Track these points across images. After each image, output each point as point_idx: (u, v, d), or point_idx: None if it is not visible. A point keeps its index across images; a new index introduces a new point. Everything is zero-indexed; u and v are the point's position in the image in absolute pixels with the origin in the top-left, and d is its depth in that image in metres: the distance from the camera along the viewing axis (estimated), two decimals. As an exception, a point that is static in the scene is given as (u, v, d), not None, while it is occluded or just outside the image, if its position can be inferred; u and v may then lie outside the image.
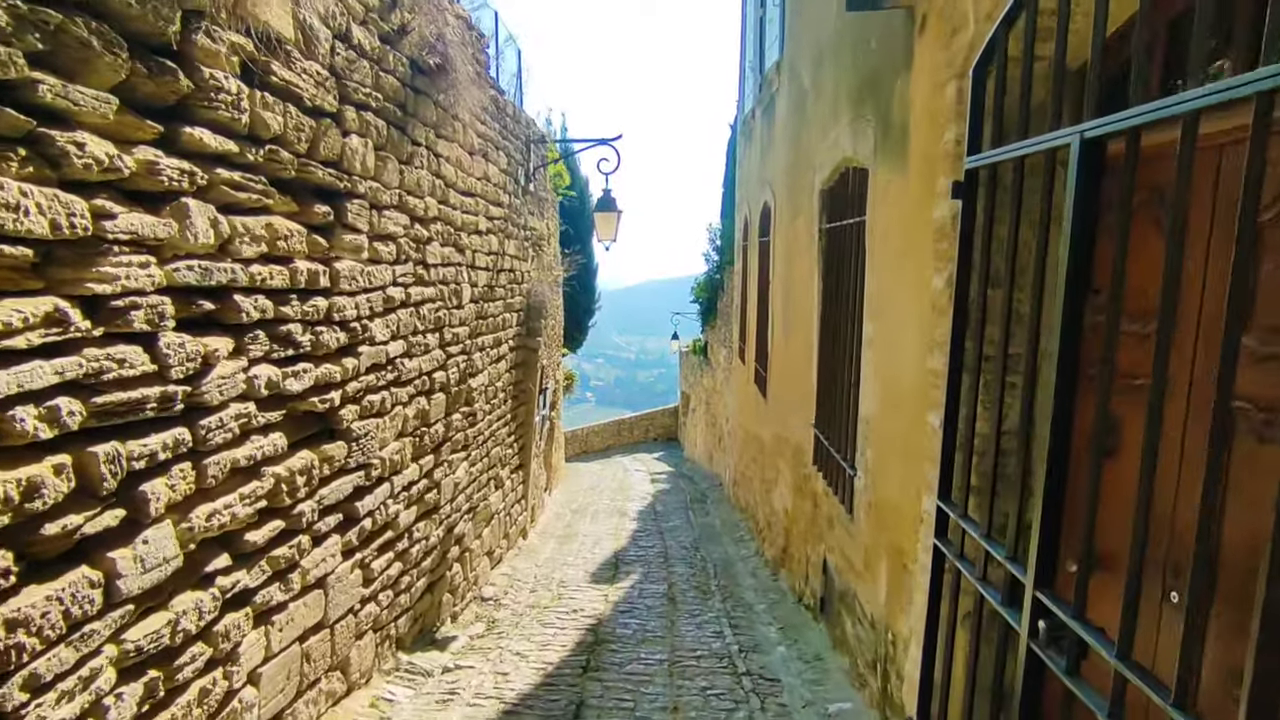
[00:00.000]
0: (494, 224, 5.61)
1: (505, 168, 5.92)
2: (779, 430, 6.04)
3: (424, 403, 4.09)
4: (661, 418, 23.56)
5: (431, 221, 4.18)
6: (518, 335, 6.53)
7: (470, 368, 5.01)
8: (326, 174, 2.89)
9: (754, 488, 7.80)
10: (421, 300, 4.03)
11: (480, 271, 5.24)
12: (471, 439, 5.11)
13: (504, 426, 6.13)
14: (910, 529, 2.60)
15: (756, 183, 7.69)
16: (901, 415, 2.69)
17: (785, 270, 5.71)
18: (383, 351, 3.48)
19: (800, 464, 5.05)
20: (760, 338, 7.22)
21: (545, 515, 8.78)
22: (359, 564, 3.30)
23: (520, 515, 6.90)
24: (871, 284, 3.10)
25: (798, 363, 5.18)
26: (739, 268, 9.77)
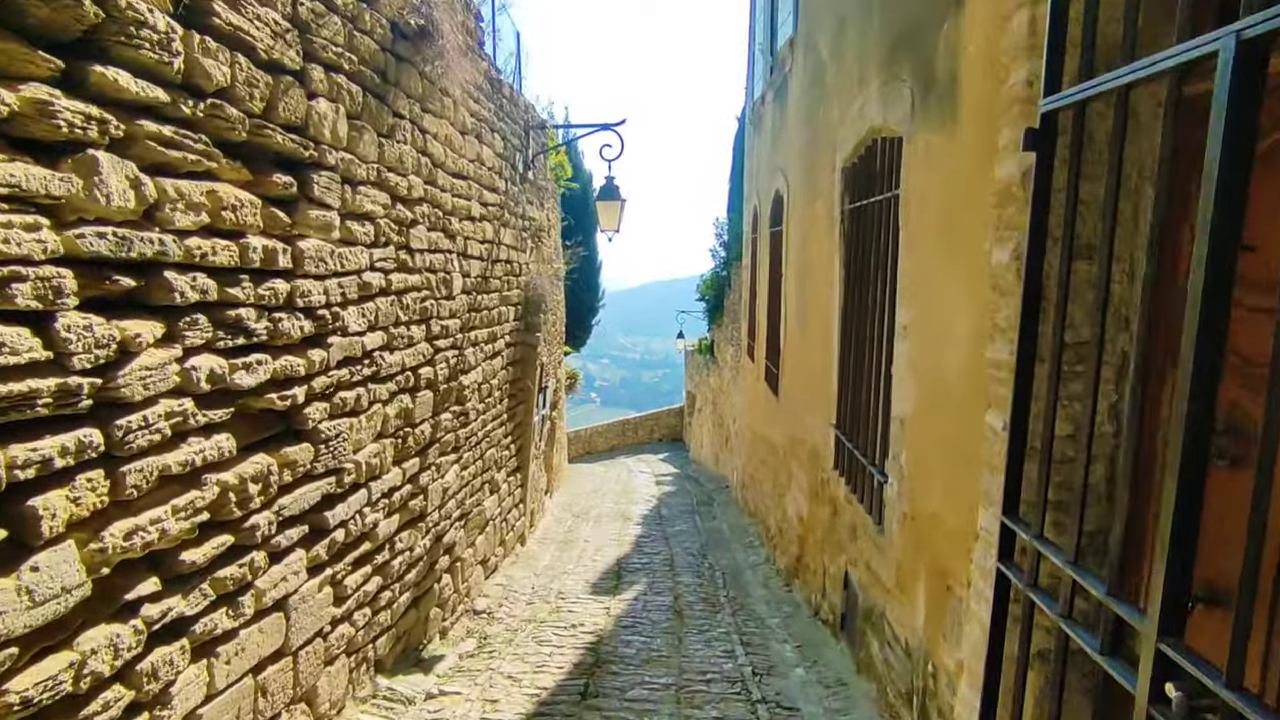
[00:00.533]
0: (488, 211, 5.26)
1: (501, 152, 5.57)
2: (793, 431, 5.67)
3: (408, 401, 3.74)
4: (666, 418, 23.22)
5: (416, 203, 3.83)
6: (515, 330, 6.17)
7: (461, 364, 4.66)
8: (288, 140, 2.54)
9: (764, 491, 7.43)
10: (405, 288, 3.67)
11: (473, 261, 4.88)
12: (463, 440, 4.76)
13: (500, 427, 5.78)
14: (958, 547, 2.23)
15: (767, 171, 7.33)
16: (947, 415, 2.33)
17: (800, 259, 5.34)
18: (358, 343, 3.12)
19: (817, 468, 4.69)
20: (772, 333, 6.85)
21: (545, 519, 8.43)
22: (329, 581, 2.94)
23: (518, 520, 6.55)
24: (907, 265, 2.74)
25: (815, 358, 4.81)
26: (748, 262, 9.41)
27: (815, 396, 4.73)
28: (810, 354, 4.95)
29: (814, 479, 4.78)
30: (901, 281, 2.82)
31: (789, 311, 5.88)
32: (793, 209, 5.74)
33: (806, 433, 5.08)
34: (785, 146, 6.15)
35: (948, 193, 2.31)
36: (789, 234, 5.90)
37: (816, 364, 4.71)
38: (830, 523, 4.33)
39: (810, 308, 4.95)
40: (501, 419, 5.81)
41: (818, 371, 4.66)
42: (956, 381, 2.23)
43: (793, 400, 5.67)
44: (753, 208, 8.72)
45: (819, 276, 4.62)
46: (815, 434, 4.74)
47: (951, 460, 2.29)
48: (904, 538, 2.77)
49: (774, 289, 6.71)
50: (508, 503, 6.13)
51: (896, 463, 2.83)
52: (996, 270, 1.89)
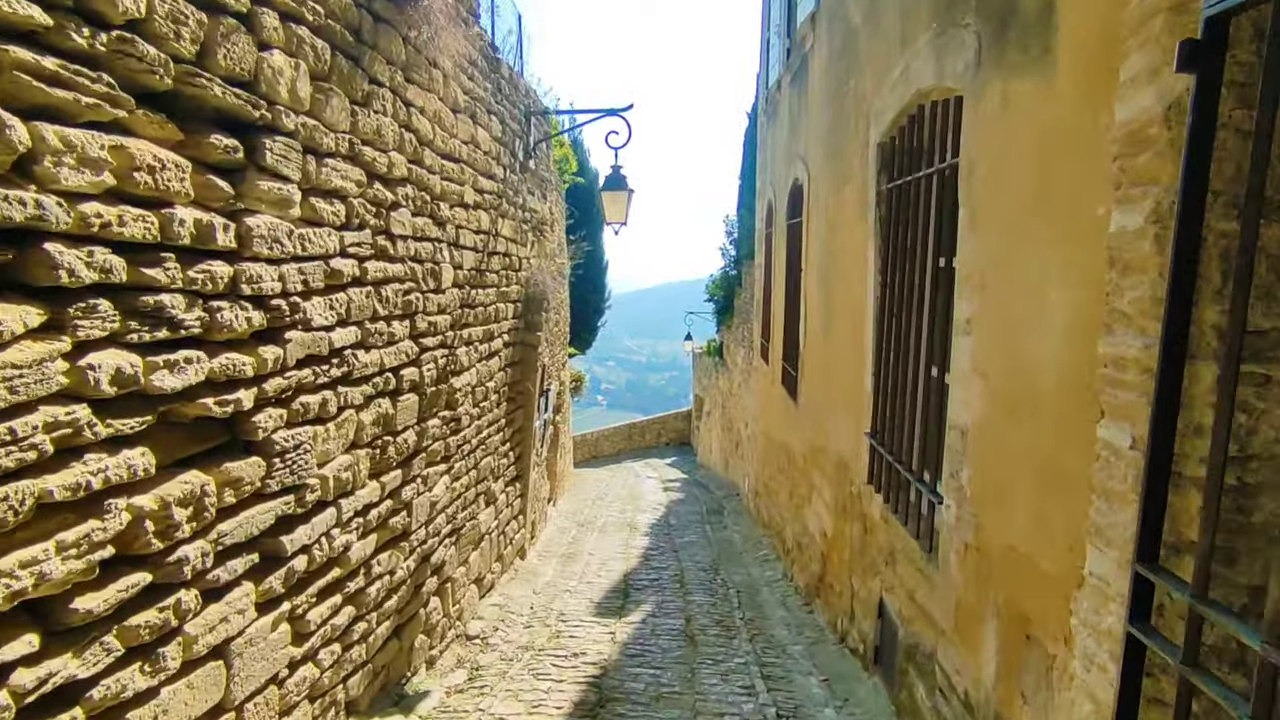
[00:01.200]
0: (484, 199, 4.84)
1: (499, 136, 5.15)
2: (814, 439, 5.23)
3: (387, 406, 3.31)
4: (674, 422, 22.82)
5: (399, 183, 3.41)
6: (514, 329, 5.75)
7: (453, 364, 4.24)
8: (231, 96, 2.12)
9: (779, 501, 6.98)
10: (384, 279, 3.25)
11: (466, 252, 4.46)
12: (454, 448, 4.33)
13: (497, 433, 5.35)
14: (1050, 593, 1.79)
15: (784, 161, 6.89)
16: (1033, 425, 1.88)
17: (823, 252, 4.90)
18: (324, 340, 2.70)
19: (845, 480, 4.24)
20: (789, 333, 6.40)
21: (548, 530, 8.00)
22: (286, 617, 2.52)
23: (517, 533, 6.12)
24: (970, 247, 2.29)
25: (842, 359, 4.36)
26: (761, 260, 8.97)
27: (843, 401, 4.29)
28: (836, 355, 4.51)
29: (841, 492, 4.34)
30: (962, 267, 2.37)
31: (809, 309, 5.44)
32: (814, 198, 5.30)
33: (831, 441, 4.64)
34: (805, 132, 5.71)
35: (1037, 151, 1.87)
36: (809, 225, 5.46)
37: (844, 366, 4.27)
38: (861, 542, 3.88)
39: (836, 304, 4.51)
40: (499, 424, 5.39)
41: (846, 374, 4.22)
42: (1048, 384, 1.79)
43: (814, 405, 5.22)
44: (767, 202, 8.29)
45: (847, 269, 4.18)
46: (843, 443, 4.29)
47: (1040, 483, 1.84)
48: (965, 571, 2.32)
49: (792, 285, 6.27)
50: (506, 515, 5.70)
51: (955, 481, 2.38)
52: (1119, 240, 1.45)
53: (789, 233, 6.45)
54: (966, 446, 2.30)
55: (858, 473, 3.89)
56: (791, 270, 6.30)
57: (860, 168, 3.81)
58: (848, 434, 4.15)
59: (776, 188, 7.41)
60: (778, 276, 7.18)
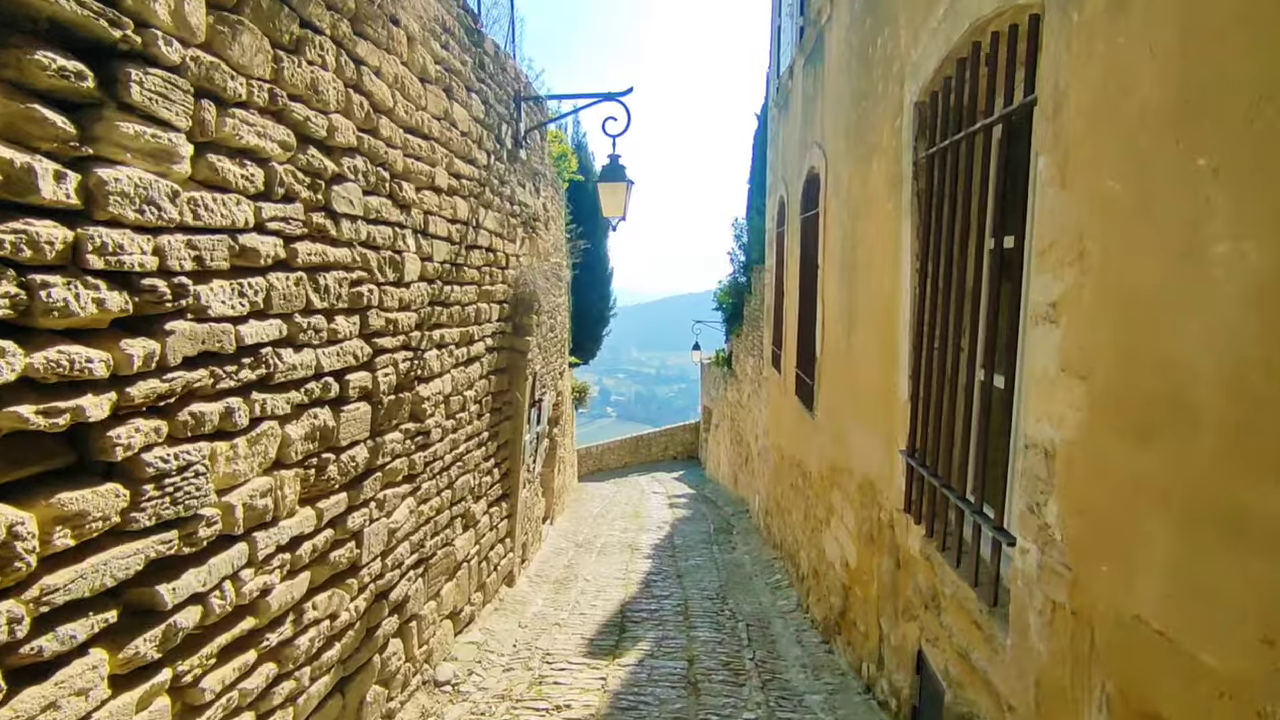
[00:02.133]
0: (462, 185, 4.31)
1: (481, 118, 4.63)
2: (833, 455, 4.64)
3: (327, 417, 2.76)
4: (682, 434, 22.25)
5: (345, 153, 2.88)
6: (500, 333, 5.20)
7: (419, 369, 3.69)
8: (73, 5, 1.59)
9: (792, 522, 6.38)
10: (322, 264, 2.71)
11: (438, 242, 3.92)
12: (421, 466, 3.77)
13: (478, 448, 4.79)
14: (1221, 701, 1.20)
15: (797, 151, 6.34)
16: (1180, 445, 1.30)
17: (844, 243, 4.34)
18: (228, 333, 2.16)
19: (872, 504, 3.65)
20: (804, 338, 5.83)
21: (542, 551, 7.42)
22: (165, 689, 1.95)
23: (503, 558, 5.54)
24: (1059, 205, 1.72)
25: (868, 365, 3.79)
26: (772, 263, 8.41)
27: (869, 413, 3.70)
28: (861, 360, 3.93)
29: (868, 518, 3.75)
30: (1042, 237, 1.80)
31: (828, 310, 4.86)
32: (832, 184, 4.74)
33: (855, 459, 4.05)
34: (821, 114, 5.17)
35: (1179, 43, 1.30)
36: (827, 216, 4.90)
37: (871, 372, 3.69)
38: (893, 579, 3.29)
39: (860, 301, 3.94)
40: (480, 438, 4.83)
41: (873, 382, 3.64)
42: (1211, 383, 1.21)
43: (834, 418, 4.64)
44: (778, 200, 7.74)
45: (874, 259, 3.61)
46: (869, 461, 3.71)
47: (1193, 531, 1.26)
48: (1053, 640, 1.73)
49: (807, 286, 5.70)
50: (489, 538, 5.13)
51: (1036, 518, 1.80)
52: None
53: (803, 228, 5.89)
54: (1054, 472, 1.71)
55: (889, 497, 3.31)
56: (807, 269, 5.73)
57: (890, 137, 3.25)
58: (875, 451, 3.57)
59: (789, 183, 6.86)
60: (791, 277, 6.62)
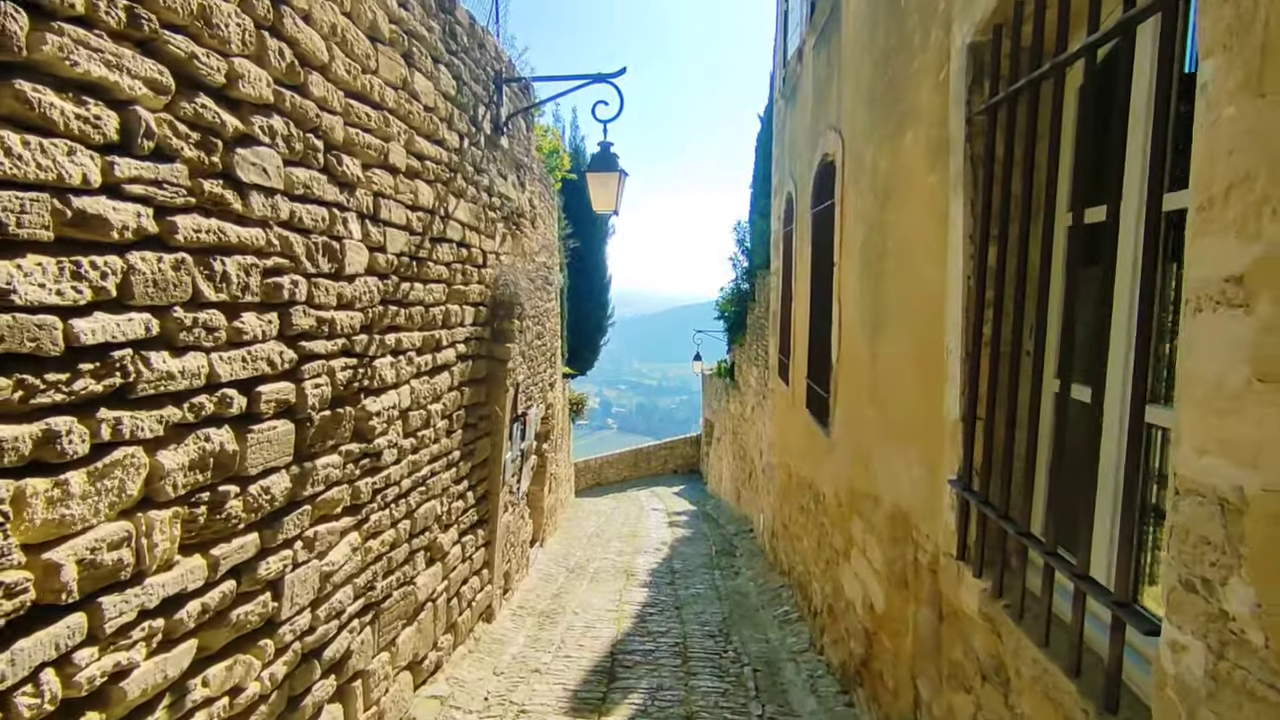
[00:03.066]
0: (426, 167, 3.74)
1: (452, 94, 4.06)
2: (853, 479, 4.04)
3: (223, 439, 2.17)
4: (683, 447, 21.65)
5: (257, 110, 2.31)
6: (476, 339, 4.62)
7: (367, 379, 3.10)
8: None
9: (803, 549, 5.77)
10: (219, 245, 2.13)
11: (393, 231, 3.35)
12: (369, 495, 3.18)
13: (447, 469, 4.20)
14: None
15: (807, 141, 5.78)
16: None
17: (868, 235, 3.76)
18: (50, 328, 1.57)
19: (905, 540, 3.05)
20: (817, 345, 5.23)
21: (529, 578, 6.80)
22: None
23: (480, 592, 4.93)
24: (1238, 131, 1.13)
25: (900, 374, 3.20)
26: (778, 266, 7.83)
27: (903, 433, 3.11)
28: (891, 369, 3.34)
29: (899, 557, 3.14)
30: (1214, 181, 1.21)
31: (846, 312, 4.28)
32: (851, 169, 4.17)
33: (882, 484, 3.45)
34: (837, 94, 4.60)
35: None
36: (844, 206, 4.32)
37: (905, 383, 3.10)
38: (935, 635, 2.68)
39: (890, 300, 3.35)
40: (449, 458, 4.23)
41: (907, 393, 3.05)
42: None
43: (855, 436, 4.04)
44: (785, 197, 7.17)
45: (910, 247, 3.03)
46: (903, 489, 3.11)
47: None
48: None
49: (820, 286, 5.12)
50: (461, 572, 4.53)
51: (1206, 601, 1.20)
52: None
53: (816, 224, 5.32)
54: (1242, 535, 1.12)
55: (931, 535, 2.70)
56: (819, 268, 5.15)
57: (931, 96, 2.67)
58: (912, 477, 2.97)
59: (798, 177, 6.29)
60: (801, 280, 6.03)
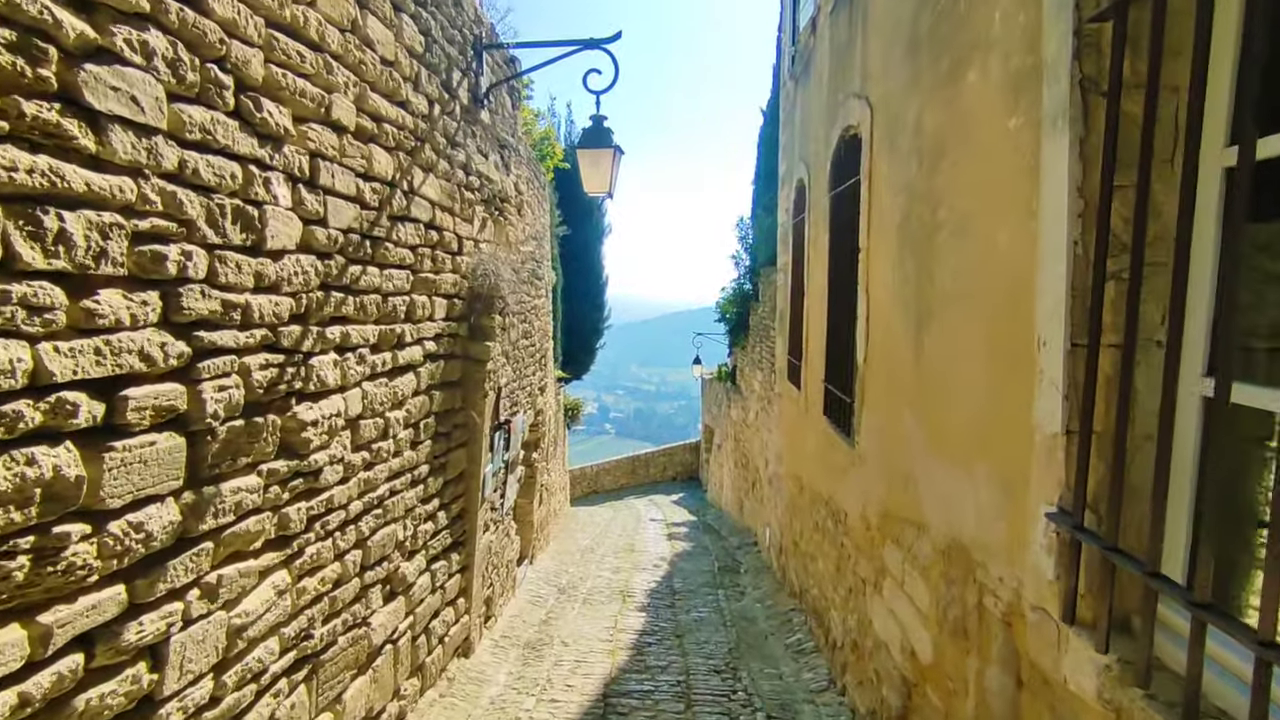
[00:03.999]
0: (384, 130, 3.15)
1: (419, 51, 3.48)
2: (889, 499, 3.44)
3: (57, 462, 1.57)
4: (681, 454, 21.04)
5: (123, 16, 1.72)
6: (448, 336, 4.03)
7: (300, 381, 2.50)
8: None
9: (818, 571, 5.17)
10: (57, 195, 1.54)
11: (338, 202, 2.76)
12: (302, 522, 2.58)
13: (411, 487, 3.60)
14: None
15: (823, 118, 5.19)
16: None
17: (910, 207, 3.18)
18: None
19: (967, 581, 2.45)
20: (835, 344, 4.64)
21: (516, 601, 6.19)
22: None
23: (455, 624, 4.32)
24: None
25: (961, 374, 2.60)
26: (787, 261, 7.25)
27: (967, 446, 2.51)
28: (948, 367, 2.75)
29: (955, 599, 2.54)
30: None
31: (876, 304, 3.69)
32: (884, 135, 3.59)
33: (931, 509, 2.85)
34: (862, 55, 4.02)
35: None
36: (873, 181, 3.74)
37: (970, 384, 2.50)
38: (1013, 707, 2.08)
39: (946, 282, 2.76)
40: (415, 474, 3.63)
41: (973, 398, 2.46)
42: None
43: (890, 447, 3.45)
44: (795, 185, 6.59)
45: (973, 213, 2.44)
46: (961, 516, 2.51)
47: None
48: None
49: (840, 278, 4.53)
50: (431, 603, 3.92)
51: None
52: None
53: (835, 208, 4.73)
54: None
55: (1007, 580, 2.11)
56: (839, 257, 4.56)
57: (1010, 17, 2.09)
58: (976, 502, 2.38)
59: (811, 161, 5.71)
60: (815, 272, 5.45)
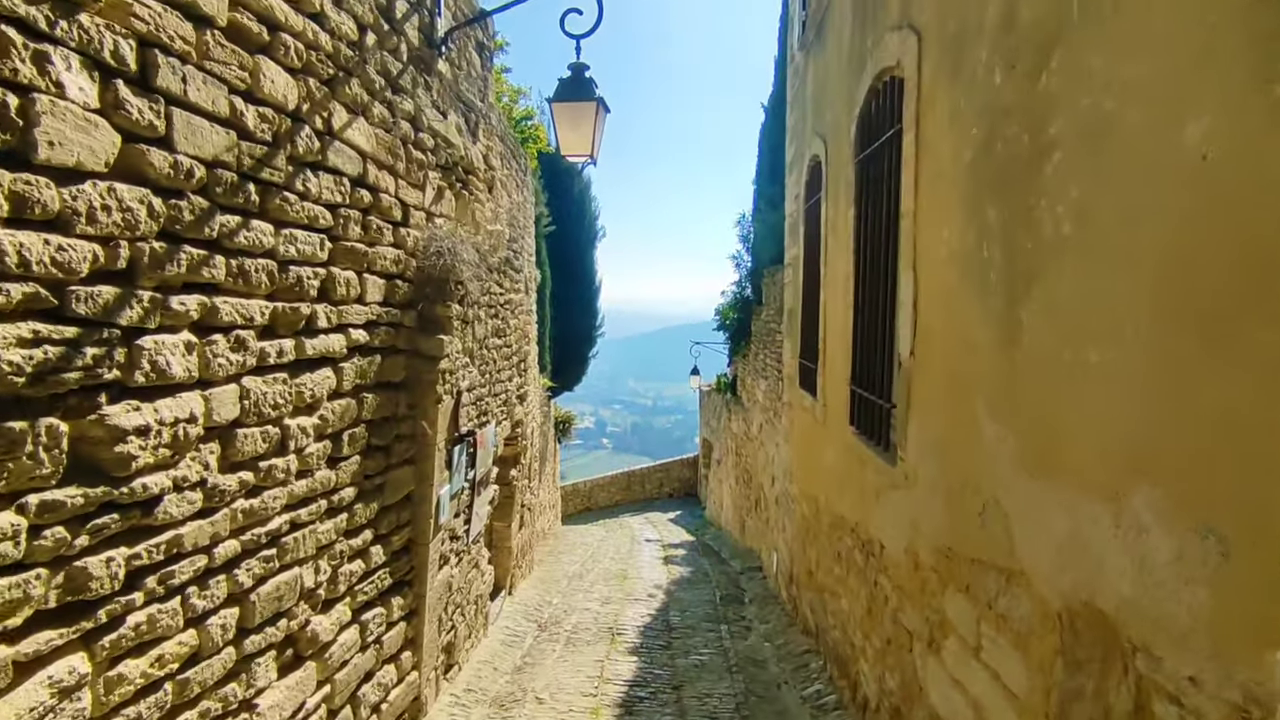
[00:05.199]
0: (282, 43, 2.34)
1: (339, -48, 2.68)
2: (954, 532, 2.61)
3: None
4: (679, 469, 20.17)
5: None
6: (387, 326, 3.20)
7: (112, 369, 1.68)
8: None
9: (841, 610, 4.32)
10: None
11: (198, 122, 1.94)
12: (113, 582, 1.74)
13: (329, 517, 2.76)
14: None
15: (848, 71, 4.39)
16: None
17: (994, 130, 2.38)
18: None
19: (1110, 669, 1.61)
20: (868, 339, 3.81)
21: (487, 642, 5.32)
22: None
23: (399, 685, 3.46)
24: None
25: (1084, 357, 1.78)
26: (797, 253, 6.45)
27: (1101, 463, 1.69)
28: (1057, 349, 1.93)
29: (1088, 692, 1.70)
30: None
31: (930, 278, 2.88)
32: (947, 54, 2.79)
33: (1026, 551, 2.02)
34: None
35: None
36: (928, 122, 2.94)
37: (1112, 367, 1.68)
38: None
39: (1055, 228, 1.95)
40: (335, 498, 2.79)
41: (1118, 388, 1.63)
42: None
43: (954, 463, 2.62)
44: (808, 163, 5.80)
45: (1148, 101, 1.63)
46: (1098, 570, 1.67)
47: None
48: None
49: (873, 255, 3.71)
50: (359, 665, 3.06)
51: None
52: None
53: (863, 174, 3.92)
54: None
55: (1217, 684, 1.28)
56: (869, 230, 3.75)
57: None
58: (1132, 551, 1.55)
59: (830, 128, 4.92)
60: (835, 257, 4.64)
